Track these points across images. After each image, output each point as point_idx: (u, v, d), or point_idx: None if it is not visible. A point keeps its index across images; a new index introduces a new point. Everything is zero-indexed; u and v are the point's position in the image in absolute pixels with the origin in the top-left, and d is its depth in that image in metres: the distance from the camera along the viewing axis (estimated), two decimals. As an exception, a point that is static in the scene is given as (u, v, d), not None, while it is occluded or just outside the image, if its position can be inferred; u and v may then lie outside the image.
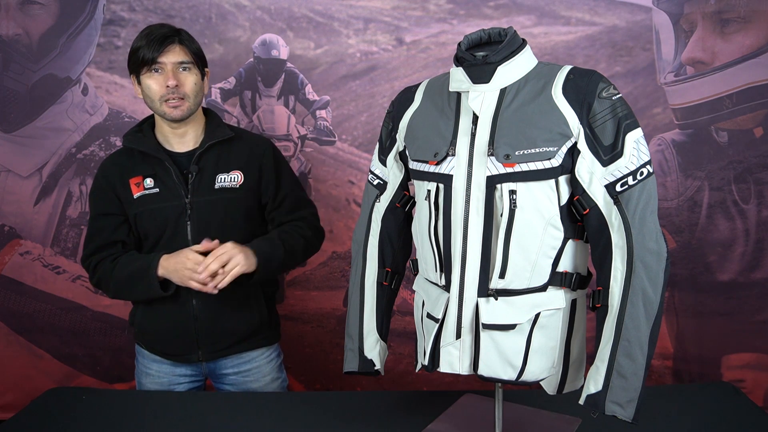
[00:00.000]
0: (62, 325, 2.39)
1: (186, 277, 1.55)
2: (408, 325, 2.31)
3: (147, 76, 1.61)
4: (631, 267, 1.17)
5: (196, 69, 1.64)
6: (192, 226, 1.66)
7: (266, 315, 1.77)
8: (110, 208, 1.70)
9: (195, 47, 1.66)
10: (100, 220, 1.71)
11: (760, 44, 2.18)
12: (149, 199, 1.67)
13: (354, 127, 2.32)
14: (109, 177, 1.70)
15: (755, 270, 2.26)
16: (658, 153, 2.24)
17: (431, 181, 1.27)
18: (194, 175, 1.66)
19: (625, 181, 1.18)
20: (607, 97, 1.19)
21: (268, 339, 1.80)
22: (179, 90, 1.60)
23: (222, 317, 1.69)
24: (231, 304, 1.69)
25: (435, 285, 1.31)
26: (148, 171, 1.67)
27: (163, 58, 1.59)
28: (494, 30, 1.27)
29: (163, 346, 1.74)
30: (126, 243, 1.71)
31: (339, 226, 2.35)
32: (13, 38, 2.27)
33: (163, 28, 1.62)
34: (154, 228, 1.68)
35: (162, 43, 1.58)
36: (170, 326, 1.70)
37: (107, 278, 1.67)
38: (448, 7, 2.27)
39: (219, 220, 1.67)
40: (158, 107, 1.63)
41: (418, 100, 1.36)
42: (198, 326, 1.69)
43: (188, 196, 1.66)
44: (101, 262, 1.68)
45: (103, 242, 1.69)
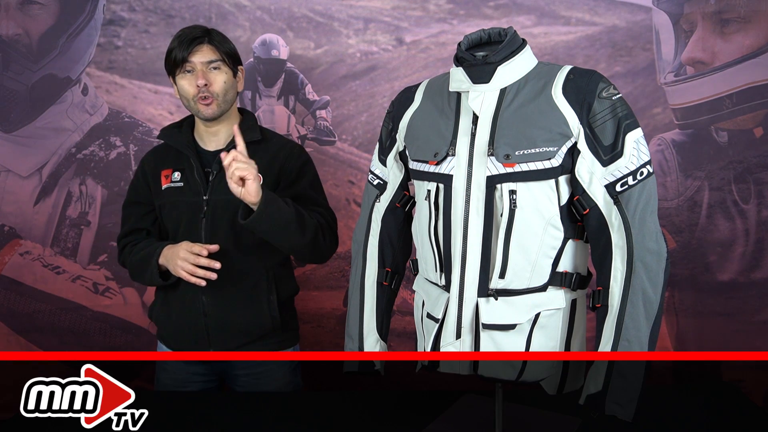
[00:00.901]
0: (62, 325, 2.39)
1: (178, 266, 1.58)
2: (408, 325, 2.31)
3: (180, 76, 1.65)
4: (631, 267, 1.17)
5: (226, 68, 1.66)
6: (206, 223, 1.67)
7: (278, 318, 1.74)
8: (140, 197, 1.78)
9: (226, 47, 1.67)
10: (130, 207, 1.80)
11: (760, 44, 2.18)
12: (173, 192, 1.71)
13: (354, 127, 2.32)
14: (145, 166, 1.78)
15: (755, 270, 2.26)
16: (658, 153, 2.24)
17: (431, 181, 1.27)
18: (215, 174, 1.67)
19: (625, 181, 1.18)
20: (607, 97, 1.19)
21: (282, 343, 1.78)
22: (208, 89, 1.63)
23: (231, 315, 1.69)
24: (240, 302, 1.69)
25: (435, 285, 1.30)
26: (178, 165, 1.72)
27: (193, 57, 1.62)
28: (494, 30, 1.27)
29: (177, 342, 1.76)
30: (150, 232, 1.78)
31: (339, 226, 2.32)
32: (13, 38, 2.27)
33: (195, 30, 1.65)
34: (172, 221, 1.72)
35: (191, 43, 1.62)
36: (181, 321, 1.72)
37: (127, 261, 1.76)
38: (448, 7, 2.27)
39: (233, 221, 1.65)
40: (193, 106, 1.66)
41: (418, 100, 1.36)
42: (207, 322, 1.69)
43: (206, 194, 1.67)
44: (127, 246, 1.77)
45: (132, 228, 1.78)
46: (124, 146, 2.32)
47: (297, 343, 1.85)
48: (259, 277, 1.71)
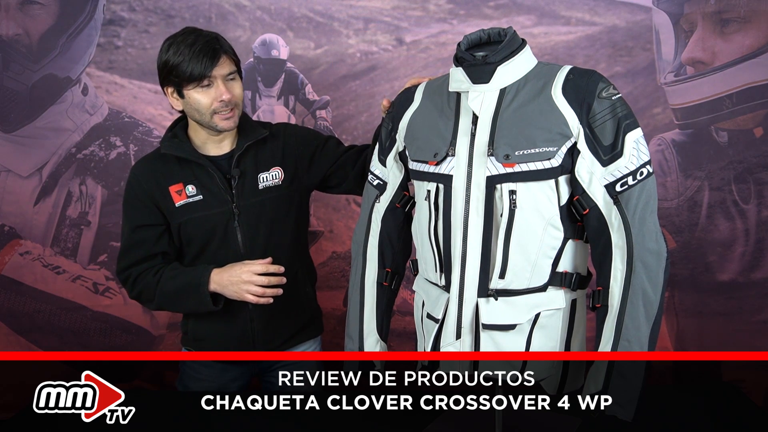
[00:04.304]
0: (62, 325, 2.39)
1: (243, 290, 1.53)
2: (408, 325, 2.31)
3: (195, 90, 1.52)
4: (631, 267, 1.17)
5: (239, 76, 1.59)
6: (241, 230, 1.63)
7: (317, 307, 1.79)
8: (151, 219, 1.63)
9: (235, 54, 1.59)
10: (140, 231, 1.64)
11: (760, 44, 2.18)
12: (194, 207, 1.61)
13: (354, 127, 2.32)
14: (145, 185, 1.62)
15: (755, 270, 2.26)
16: (658, 153, 2.24)
17: (431, 182, 1.27)
18: (237, 179, 1.61)
19: (625, 181, 1.18)
20: (607, 97, 1.19)
21: (315, 330, 1.80)
22: (231, 101, 1.54)
23: (277, 315, 1.68)
24: (286, 301, 1.64)
25: (435, 285, 1.30)
26: (188, 177, 1.61)
27: (215, 72, 1.51)
28: (494, 30, 1.27)
29: (219, 350, 1.71)
30: (167, 253, 1.66)
31: (339, 226, 2.35)
32: (13, 38, 2.27)
33: (204, 37, 1.52)
34: (201, 236, 1.64)
35: (213, 57, 1.50)
36: (227, 330, 1.68)
37: (151, 292, 1.63)
38: (448, 7, 2.27)
39: (268, 221, 1.64)
40: (208, 120, 1.55)
41: (418, 100, 1.36)
42: (254, 326, 1.68)
43: (234, 201, 1.62)
44: (142, 275, 1.63)
45: (145, 255, 1.64)
46: (124, 146, 2.32)
47: (322, 332, 1.85)
48: (297, 272, 1.70)
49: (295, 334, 1.74)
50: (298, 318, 1.73)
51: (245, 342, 1.69)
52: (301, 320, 1.74)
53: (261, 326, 1.68)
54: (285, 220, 1.68)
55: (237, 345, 1.69)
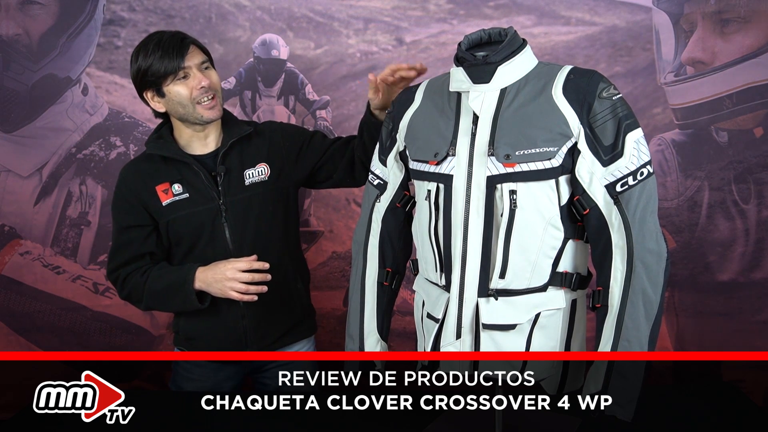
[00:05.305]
0: (62, 325, 2.39)
1: (227, 288, 1.56)
2: (408, 325, 2.31)
3: (174, 84, 1.56)
4: (631, 267, 1.17)
5: (212, 65, 1.63)
6: (229, 226, 1.64)
7: (308, 304, 1.78)
8: (138, 220, 1.66)
9: (202, 46, 1.63)
10: (127, 232, 1.67)
11: (760, 44, 2.18)
12: (180, 205, 1.63)
13: (354, 127, 2.30)
14: (132, 186, 1.66)
15: (755, 270, 2.26)
16: (658, 153, 2.24)
17: (431, 181, 1.27)
18: (223, 176, 1.64)
19: (626, 182, 1.18)
20: (608, 97, 1.19)
21: (309, 329, 1.80)
22: (211, 87, 1.58)
23: (268, 312, 1.68)
24: (276, 297, 1.67)
25: (435, 285, 1.31)
26: (174, 176, 1.64)
27: (188, 62, 1.55)
28: (494, 30, 1.27)
29: (211, 349, 1.72)
30: (155, 254, 1.68)
31: (339, 226, 2.34)
32: (13, 38, 2.27)
33: (167, 34, 1.57)
34: (188, 233, 1.65)
35: (181, 48, 1.54)
36: (218, 328, 1.69)
37: (139, 292, 1.65)
38: (448, 7, 2.27)
39: (255, 217, 1.66)
40: (191, 112, 1.58)
41: (418, 100, 1.36)
42: (245, 324, 1.68)
43: (221, 198, 1.63)
44: (130, 276, 1.66)
45: (132, 255, 1.66)
46: (124, 146, 2.32)
47: (316, 331, 1.85)
48: (287, 268, 1.70)
49: (288, 331, 1.74)
50: (289, 314, 1.73)
51: (237, 340, 1.69)
52: (293, 317, 1.74)
53: (252, 324, 1.68)
54: (273, 216, 1.69)
55: (229, 343, 1.70)
